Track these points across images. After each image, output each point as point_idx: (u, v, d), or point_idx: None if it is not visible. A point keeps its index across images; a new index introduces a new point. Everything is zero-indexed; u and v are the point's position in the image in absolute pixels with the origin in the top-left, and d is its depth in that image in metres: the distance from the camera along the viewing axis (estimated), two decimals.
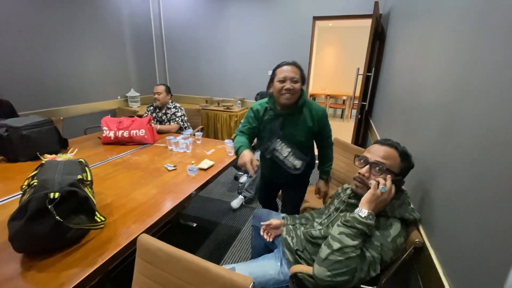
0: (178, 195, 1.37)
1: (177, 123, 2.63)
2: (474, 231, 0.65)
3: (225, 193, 2.81)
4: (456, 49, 0.91)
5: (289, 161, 1.44)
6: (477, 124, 0.70)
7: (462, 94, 0.81)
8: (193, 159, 1.85)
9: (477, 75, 0.73)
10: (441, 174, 0.88)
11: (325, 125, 1.48)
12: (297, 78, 1.32)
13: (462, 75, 0.83)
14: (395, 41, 2.14)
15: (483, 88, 0.69)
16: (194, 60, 4.37)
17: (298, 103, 1.37)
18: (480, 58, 0.73)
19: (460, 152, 0.78)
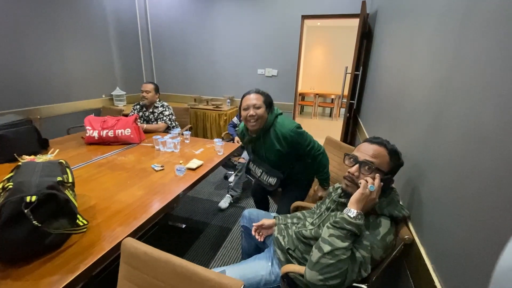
0: (166, 196, 1.33)
1: (164, 122, 2.57)
2: (461, 227, 0.66)
3: (214, 193, 2.77)
4: (441, 47, 0.92)
5: (264, 179, 1.62)
6: (463, 121, 0.71)
7: (448, 91, 0.82)
8: (181, 159, 1.81)
9: (461, 72, 0.74)
10: (429, 171, 0.89)
11: (297, 144, 1.45)
12: (259, 104, 1.42)
13: (447, 73, 0.83)
14: (382, 40, 2.16)
15: (468, 85, 0.70)
16: (182, 58, 4.29)
17: (263, 127, 1.47)
18: (465, 55, 0.74)
19: (447, 148, 0.78)
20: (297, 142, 1.46)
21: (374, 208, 0.91)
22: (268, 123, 1.46)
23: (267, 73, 3.89)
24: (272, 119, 1.47)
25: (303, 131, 1.48)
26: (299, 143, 1.46)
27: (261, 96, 1.45)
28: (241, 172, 2.55)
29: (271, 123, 1.47)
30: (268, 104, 1.46)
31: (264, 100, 1.44)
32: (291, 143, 1.45)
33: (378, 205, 0.91)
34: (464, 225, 0.65)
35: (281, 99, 3.92)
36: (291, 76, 3.80)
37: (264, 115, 1.44)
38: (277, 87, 3.89)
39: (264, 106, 1.43)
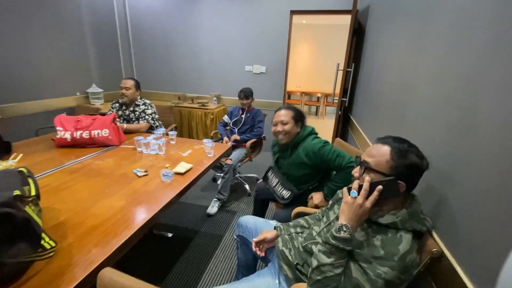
0: (152, 206, 1.16)
1: (147, 121, 2.36)
2: (501, 235, 0.56)
3: (202, 196, 2.60)
4: (445, 40, 0.82)
5: (278, 190, 1.62)
6: (502, 115, 0.61)
7: (477, 85, 0.72)
8: (168, 162, 1.63)
9: (492, 69, 0.64)
10: (458, 173, 0.79)
11: (325, 157, 1.44)
12: (287, 120, 1.51)
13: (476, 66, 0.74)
14: (378, 36, 2.09)
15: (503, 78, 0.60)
16: (164, 54, 4.04)
17: (293, 141, 1.53)
18: (491, 55, 0.64)
19: (481, 149, 0.69)
20: (324, 156, 1.44)
21: (394, 222, 0.79)
22: (298, 138, 1.53)
23: (255, 70, 3.74)
24: (304, 136, 1.52)
25: (330, 146, 1.46)
26: (325, 156, 1.44)
27: (290, 112, 1.53)
28: (228, 174, 2.39)
29: (301, 139, 1.52)
30: (298, 119, 1.53)
31: (293, 115, 1.52)
32: (317, 155, 1.45)
33: (400, 218, 0.79)
34: (503, 233, 0.55)
35: (270, 97, 3.80)
36: (280, 73, 3.69)
37: (292, 130, 1.52)
38: (266, 84, 3.76)
39: (293, 121, 1.51)
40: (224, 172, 2.41)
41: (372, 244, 0.80)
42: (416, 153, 0.81)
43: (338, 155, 1.41)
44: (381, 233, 0.81)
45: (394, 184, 0.79)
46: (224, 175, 2.40)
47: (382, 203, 0.83)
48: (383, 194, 0.79)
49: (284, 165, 1.61)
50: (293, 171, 1.56)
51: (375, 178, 0.82)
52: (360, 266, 0.79)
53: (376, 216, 0.83)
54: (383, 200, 0.81)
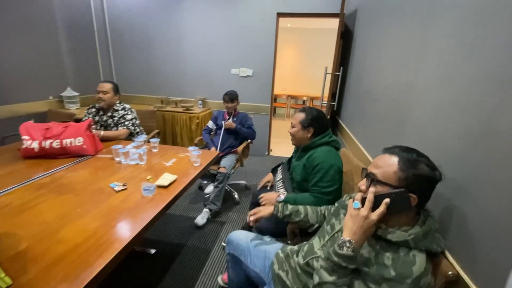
0: (131, 226, 1.03)
1: (126, 128, 2.19)
2: None
3: (188, 207, 2.45)
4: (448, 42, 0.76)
5: (278, 186, 1.59)
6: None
7: (499, 87, 0.66)
8: (149, 174, 1.49)
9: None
10: (474, 187, 0.72)
11: (313, 172, 1.37)
12: (294, 123, 1.48)
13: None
14: (369, 38, 2.05)
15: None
16: (146, 55, 3.85)
17: (304, 146, 1.48)
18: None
19: (503, 158, 0.62)
20: (313, 172, 1.37)
21: (406, 240, 0.72)
22: (309, 144, 1.46)
23: (242, 73, 3.65)
24: (316, 143, 1.44)
25: (333, 171, 1.34)
26: (313, 173, 1.37)
27: (301, 116, 1.47)
28: (223, 183, 2.27)
29: (313, 145, 1.45)
30: (307, 125, 1.45)
31: (301, 120, 1.46)
32: (310, 168, 1.38)
33: (413, 236, 0.72)
34: None
35: (257, 101, 3.71)
36: (267, 76, 3.61)
37: (297, 134, 1.48)
38: (253, 87, 3.67)
39: (300, 126, 1.46)
40: (218, 181, 2.27)
41: (381, 262, 0.72)
42: (427, 163, 0.74)
43: (327, 180, 1.32)
44: (391, 251, 0.74)
45: (404, 197, 0.72)
46: (218, 184, 2.27)
47: (392, 218, 0.76)
48: (393, 208, 0.72)
49: (292, 165, 1.60)
50: (295, 174, 1.52)
51: (383, 191, 0.75)
52: (368, 286, 0.71)
53: (385, 232, 0.75)
54: (393, 214, 0.74)
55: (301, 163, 1.47)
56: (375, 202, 0.73)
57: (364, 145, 1.85)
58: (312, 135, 1.46)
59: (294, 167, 1.55)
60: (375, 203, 0.73)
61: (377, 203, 0.73)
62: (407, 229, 0.74)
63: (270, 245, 1.18)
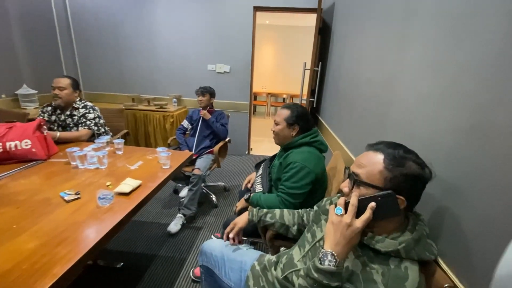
0: (82, 242, 0.87)
1: (88, 128, 1.97)
2: None
3: (161, 213, 2.27)
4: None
5: (256, 182, 1.52)
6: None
7: (494, 80, 0.58)
8: (110, 179, 1.32)
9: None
10: (468, 186, 0.64)
11: (284, 171, 1.29)
12: (279, 120, 1.37)
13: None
14: (348, 32, 1.99)
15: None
16: (115, 50, 3.57)
17: (286, 145, 1.38)
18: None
19: (501, 155, 0.55)
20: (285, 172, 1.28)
21: (397, 250, 0.63)
22: (292, 143, 1.35)
23: (218, 69, 3.49)
24: (297, 142, 1.33)
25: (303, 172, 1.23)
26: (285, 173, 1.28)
27: (286, 112, 1.36)
28: (197, 185, 2.11)
29: (293, 145, 1.34)
30: (293, 122, 1.35)
31: (286, 117, 1.35)
32: (284, 167, 1.29)
33: (404, 245, 0.62)
34: None
35: (236, 98, 3.57)
36: (245, 73, 3.48)
37: (281, 133, 1.37)
38: (231, 84, 3.53)
39: (285, 123, 1.36)
40: (192, 184, 2.11)
41: (369, 278, 0.63)
42: (416, 161, 0.65)
43: (294, 181, 1.23)
44: (380, 263, 0.64)
45: (392, 200, 0.63)
46: (192, 187, 2.11)
47: (378, 224, 0.67)
48: (379, 212, 0.63)
49: (273, 163, 1.52)
50: (273, 172, 1.45)
51: (368, 193, 0.66)
52: None
53: (373, 241, 0.66)
54: (380, 220, 0.65)
55: (279, 162, 1.39)
56: (359, 206, 0.64)
57: (345, 142, 1.78)
58: (297, 134, 1.36)
59: (273, 165, 1.48)
60: (359, 208, 0.64)
61: (361, 208, 0.64)
62: (396, 236, 0.66)
63: (247, 255, 1.06)
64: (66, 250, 0.82)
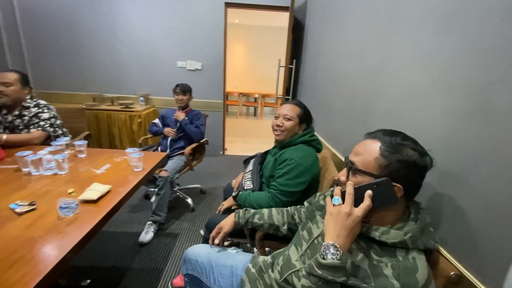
0: (40, 262, 0.72)
1: (42, 129, 1.73)
2: None
3: (132, 220, 2.08)
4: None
5: (246, 177, 1.43)
6: None
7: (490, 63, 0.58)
8: (72, 186, 1.14)
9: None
10: (469, 172, 0.64)
11: (279, 168, 1.24)
12: (291, 115, 1.29)
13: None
14: (324, 28, 2.00)
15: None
16: (72, 45, 3.22)
17: (288, 142, 1.30)
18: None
19: (500, 139, 0.54)
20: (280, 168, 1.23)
21: (403, 241, 0.60)
22: (291, 141, 1.29)
23: (189, 66, 3.34)
24: (297, 141, 1.28)
25: (301, 168, 1.19)
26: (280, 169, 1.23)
27: (298, 108, 1.31)
28: (164, 189, 1.95)
29: (293, 142, 1.29)
30: (303, 120, 1.31)
31: (299, 113, 1.29)
32: (279, 163, 1.25)
33: (410, 235, 0.60)
34: None
35: (208, 97, 3.45)
36: (217, 70, 3.38)
37: (293, 129, 1.30)
38: (203, 82, 3.39)
39: (297, 120, 1.29)
40: (158, 187, 1.95)
41: (380, 272, 0.59)
42: (414, 148, 0.63)
43: (288, 178, 1.19)
44: (388, 256, 0.61)
45: (388, 188, 0.61)
46: (159, 190, 1.95)
47: (379, 215, 0.65)
48: (377, 201, 0.61)
49: (266, 160, 1.44)
50: (265, 169, 1.38)
51: (364, 181, 0.64)
52: None
53: (378, 233, 0.63)
54: (379, 209, 0.63)
55: (273, 158, 1.33)
56: (356, 195, 0.62)
57: (327, 138, 1.78)
58: (300, 132, 1.32)
59: (267, 162, 1.40)
60: (357, 197, 0.62)
61: (359, 197, 0.61)
62: (400, 226, 0.63)
63: (236, 258, 0.98)
64: (21, 274, 0.67)
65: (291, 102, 1.35)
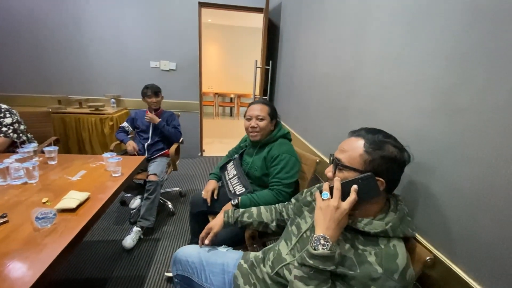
0: (18, 280, 0.67)
1: (4, 135, 1.59)
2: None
3: (108, 228, 1.98)
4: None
5: (232, 183, 1.41)
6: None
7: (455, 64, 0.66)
8: (46, 195, 1.08)
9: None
10: (437, 163, 0.72)
11: (273, 164, 1.30)
12: (263, 115, 1.35)
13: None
14: (298, 30, 2.07)
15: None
16: (32, 45, 2.97)
17: (266, 141, 1.37)
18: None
19: (465, 133, 0.62)
20: (275, 164, 1.29)
21: (385, 230, 0.66)
22: (271, 138, 1.37)
23: (163, 66, 3.25)
24: (277, 136, 1.38)
25: (293, 160, 1.29)
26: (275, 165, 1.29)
27: (266, 107, 1.38)
28: (155, 193, 1.89)
29: (273, 139, 1.37)
30: (273, 116, 1.38)
31: (268, 111, 1.37)
32: (271, 161, 1.30)
33: (391, 224, 0.66)
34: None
35: (184, 97, 3.38)
36: (193, 70, 3.33)
37: (267, 127, 1.37)
38: (178, 83, 3.32)
39: (269, 118, 1.36)
40: (148, 192, 1.88)
41: (364, 260, 0.65)
42: (394, 144, 0.70)
43: (287, 171, 1.26)
44: (372, 245, 0.67)
45: (371, 182, 0.66)
46: (149, 195, 1.87)
47: (363, 207, 0.70)
48: (362, 194, 0.66)
49: (247, 162, 1.45)
50: (253, 170, 1.39)
51: (350, 177, 0.69)
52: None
53: (362, 224, 0.68)
54: (363, 202, 0.68)
55: (260, 157, 1.36)
56: (343, 190, 0.67)
57: (305, 136, 1.85)
58: (273, 128, 1.40)
59: (251, 163, 1.41)
60: (343, 191, 0.66)
61: (345, 191, 0.66)
62: (382, 217, 0.69)
63: (227, 256, 0.99)
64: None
65: (259, 102, 1.41)
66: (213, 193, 1.44)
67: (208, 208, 1.43)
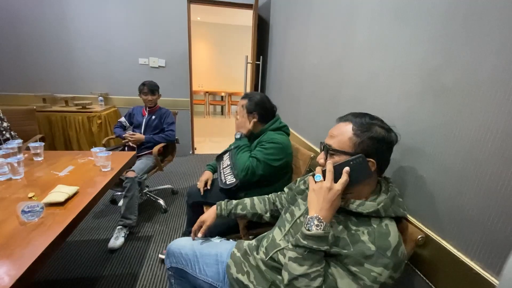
0: (2, 275, 0.65)
1: None
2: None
3: (98, 227, 1.94)
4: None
5: (225, 173, 1.42)
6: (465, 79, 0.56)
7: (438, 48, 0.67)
8: (32, 190, 1.04)
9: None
10: (425, 145, 0.73)
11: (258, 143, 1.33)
12: (239, 111, 1.37)
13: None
14: (287, 25, 2.07)
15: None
16: (14, 42, 2.87)
17: (255, 134, 1.38)
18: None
19: (448, 113, 0.64)
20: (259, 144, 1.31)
21: (377, 210, 0.67)
22: (260, 132, 1.36)
23: (152, 63, 3.20)
24: (269, 129, 1.35)
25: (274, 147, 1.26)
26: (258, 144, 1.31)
27: (244, 100, 1.37)
28: (132, 190, 1.85)
29: (263, 132, 1.35)
30: (252, 110, 1.34)
31: (246, 105, 1.35)
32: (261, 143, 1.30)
33: (383, 204, 0.67)
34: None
35: (174, 95, 3.34)
36: (183, 67, 3.29)
37: (245, 122, 1.35)
38: (168, 80, 3.27)
39: (245, 111, 1.35)
40: (126, 189, 1.84)
41: (358, 240, 0.66)
42: (381, 125, 0.72)
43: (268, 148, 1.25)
44: (364, 225, 0.68)
45: (363, 163, 0.68)
46: (126, 193, 1.84)
47: (355, 189, 0.71)
48: (354, 176, 0.68)
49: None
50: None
51: (341, 160, 0.70)
52: (350, 271, 0.63)
53: (354, 205, 0.69)
54: (355, 183, 0.69)
55: (252, 149, 1.36)
56: (335, 173, 0.68)
57: (297, 128, 1.86)
58: (258, 121, 1.36)
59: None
60: (335, 174, 0.68)
61: (337, 174, 0.68)
62: (374, 198, 0.71)
63: (221, 246, 0.99)
64: None
65: (242, 97, 1.42)
66: (207, 183, 1.46)
67: (203, 199, 1.43)
